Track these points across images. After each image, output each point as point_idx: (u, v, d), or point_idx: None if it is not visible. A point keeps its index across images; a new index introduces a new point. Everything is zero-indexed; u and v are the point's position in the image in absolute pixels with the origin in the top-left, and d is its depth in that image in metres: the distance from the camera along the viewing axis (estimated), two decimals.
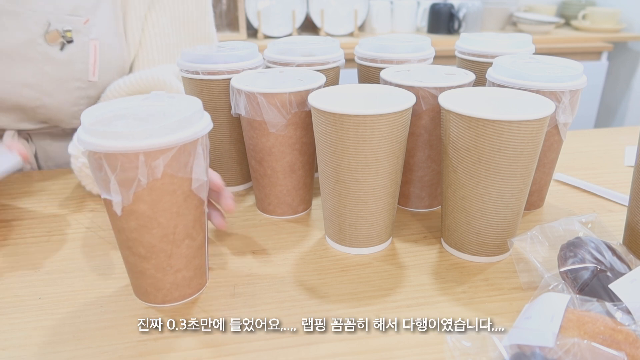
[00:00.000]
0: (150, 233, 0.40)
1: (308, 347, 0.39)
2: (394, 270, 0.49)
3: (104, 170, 0.38)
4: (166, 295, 0.44)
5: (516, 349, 0.33)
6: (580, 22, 2.12)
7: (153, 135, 0.37)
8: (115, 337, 0.40)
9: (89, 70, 0.68)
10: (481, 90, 0.51)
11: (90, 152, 0.38)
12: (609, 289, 0.39)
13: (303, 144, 0.55)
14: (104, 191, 0.39)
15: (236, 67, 0.59)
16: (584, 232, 0.46)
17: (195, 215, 0.42)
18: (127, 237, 0.41)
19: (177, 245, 0.42)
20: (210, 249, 0.52)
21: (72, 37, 0.66)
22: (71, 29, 0.65)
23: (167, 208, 0.40)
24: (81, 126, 0.39)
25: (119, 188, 0.38)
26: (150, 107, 0.42)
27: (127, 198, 0.39)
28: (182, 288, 0.44)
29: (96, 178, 0.39)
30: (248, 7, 1.87)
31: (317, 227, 0.57)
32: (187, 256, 0.43)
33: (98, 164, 0.38)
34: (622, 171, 0.72)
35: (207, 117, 0.42)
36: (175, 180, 0.39)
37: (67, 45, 0.65)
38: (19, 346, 0.40)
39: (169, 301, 0.44)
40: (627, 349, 0.32)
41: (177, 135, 0.38)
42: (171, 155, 0.38)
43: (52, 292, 0.46)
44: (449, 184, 0.49)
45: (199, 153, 0.40)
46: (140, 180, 0.38)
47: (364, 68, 0.64)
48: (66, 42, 0.65)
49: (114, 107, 0.42)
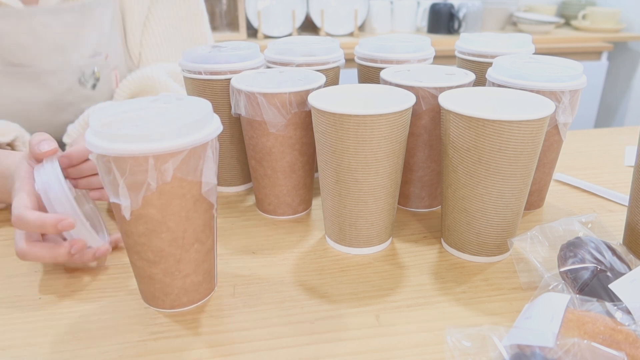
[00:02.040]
0: (160, 237, 0.40)
1: (308, 347, 0.39)
2: (394, 270, 0.49)
3: (112, 174, 0.37)
4: (174, 300, 0.43)
5: (516, 349, 0.33)
6: (580, 22, 2.12)
7: (163, 138, 0.36)
8: (115, 337, 0.40)
9: (113, 92, 0.76)
10: (481, 90, 0.52)
11: (99, 155, 0.37)
12: (609, 289, 0.39)
13: (303, 144, 0.55)
14: (112, 195, 0.38)
15: (238, 67, 0.59)
16: (584, 232, 0.46)
17: (205, 219, 0.42)
18: (136, 241, 0.40)
19: (186, 249, 0.41)
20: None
21: (100, 75, 0.73)
22: (97, 70, 0.73)
23: (177, 212, 0.39)
24: (89, 129, 0.38)
25: (127, 192, 0.38)
26: (159, 109, 0.41)
27: (136, 202, 0.38)
28: (190, 293, 0.43)
29: (104, 182, 0.39)
30: (248, 7, 1.87)
31: (317, 227, 0.57)
32: (196, 260, 0.42)
33: (107, 167, 0.37)
34: (622, 171, 0.72)
35: (216, 120, 0.41)
36: (185, 184, 0.39)
37: (97, 84, 0.73)
38: (19, 346, 0.40)
39: (178, 306, 0.43)
40: (627, 349, 0.32)
41: (188, 139, 0.37)
42: (181, 158, 0.37)
43: (52, 292, 0.46)
44: (449, 184, 0.49)
45: (209, 156, 0.39)
46: (149, 184, 0.37)
47: (364, 68, 0.64)
48: (96, 81, 0.73)
49: (122, 110, 0.41)
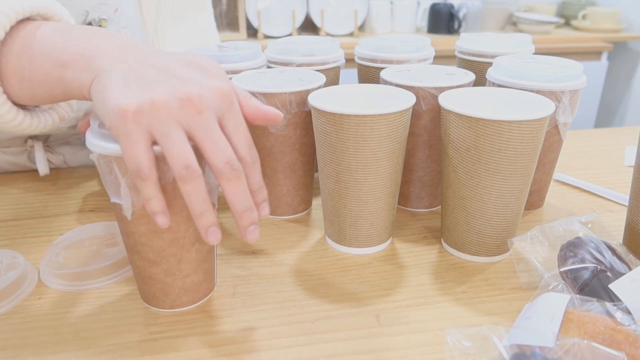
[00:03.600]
0: (161, 237, 0.40)
1: (308, 347, 0.39)
2: (394, 270, 0.49)
3: (114, 174, 0.37)
4: (175, 300, 0.43)
5: (516, 349, 0.33)
6: (580, 22, 2.12)
7: None
8: (115, 337, 0.40)
9: None
10: (481, 90, 0.52)
11: (100, 155, 0.37)
12: (609, 289, 0.39)
13: (303, 144, 0.55)
14: (114, 195, 0.38)
15: (239, 67, 0.59)
16: (584, 232, 0.46)
17: None
18: (137, 241, 0.40)
19: (187, 249, 0.41)
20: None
21: (106, 26, 0.65)
22: (106, 19, 0.65)
23: (178, 212, 0.39)
24: (89, 130, 0.38)
25: (129, 192, 0.37)
26: None
27: (137, 202, 0.38)
28: (191, 293, 0.43)
29: (106, 182, 0.38)
30: (248, 7, 1.87)
31: (317, 227, 0.57)
32: (196, 260, 0.42)
33: (108, 167, 0.37)
34: (622, 171, 0.72)
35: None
36: None
37: None
38: (19, 346, 0.40)
39: (178, 306, 0.43)
40: (627, 349, 0.32)
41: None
42: None
43: (52, 292, 0.46)
44: (449, 184, 0.49)
45: None
46: None
47: (364, 68, 0.64)
48: None
49: None
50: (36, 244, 0.54)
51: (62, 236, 0.52)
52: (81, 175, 0.71)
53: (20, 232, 0.56)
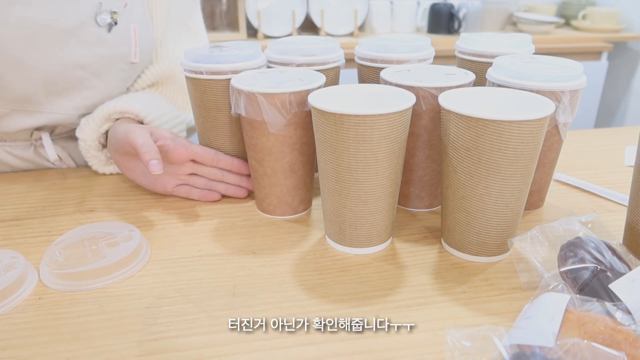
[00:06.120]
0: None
1: (308, 347, 0.39)
2: (394, 270, 0.49)
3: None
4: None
5: (516, 349, 0.33)
6: (580, 22, 2.12)
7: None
8: (115, 337, 0.41)
9: (131, 52, 0.70)
10: (481, 90, 0.52)
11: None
12: (609, 289, 0.39)
13: (303, 144, 0.55)
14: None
15: (240, 67, 0.59)
16: (584, 232, 0.46)
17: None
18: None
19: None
20: (209, 250, 0.53)
21: (117, 19, 0.67)
22: (117, 12, 0.67)
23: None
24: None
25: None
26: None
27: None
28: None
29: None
30: (248, 7, 1.87)
31: (317, 227, 0.57)
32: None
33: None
34: (622, 171, 0.72)
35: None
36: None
37: (114, 27, 0.67)
38: (19, 346, 0.40)
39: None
40: (627, 349, 0.32)
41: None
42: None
43: (52, 292, 0.46)
44: (449, 184, 0.49)
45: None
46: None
47: (364, 68, 0.64)
48: (114, 23, 0.67)
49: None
50: (36, 244, 0.54)
51: (62, 236, 0.52)
52: (81, 175, 0.71)
53: (20, 232, 0.56)
